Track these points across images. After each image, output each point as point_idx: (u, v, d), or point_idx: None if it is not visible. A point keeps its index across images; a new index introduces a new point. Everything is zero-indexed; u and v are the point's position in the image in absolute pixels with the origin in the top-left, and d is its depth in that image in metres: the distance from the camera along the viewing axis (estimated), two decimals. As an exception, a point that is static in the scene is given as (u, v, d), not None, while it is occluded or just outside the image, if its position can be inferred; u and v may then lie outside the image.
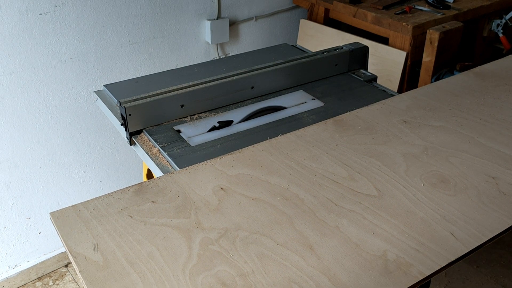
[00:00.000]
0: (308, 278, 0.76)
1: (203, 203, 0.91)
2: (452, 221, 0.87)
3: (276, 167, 1.01)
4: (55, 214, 0.88)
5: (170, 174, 0.98)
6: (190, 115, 1.27)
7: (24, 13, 1.72)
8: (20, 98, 1.83)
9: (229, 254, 0.80)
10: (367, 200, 0.92)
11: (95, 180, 2.18)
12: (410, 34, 1.93)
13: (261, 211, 0.89)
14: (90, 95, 1.98)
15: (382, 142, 1.09)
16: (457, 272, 2.17)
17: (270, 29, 2.43)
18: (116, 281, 0.75)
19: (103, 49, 1.95)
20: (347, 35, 2.14)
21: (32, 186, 2.01)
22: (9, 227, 2.02)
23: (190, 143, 1.16)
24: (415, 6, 2.13)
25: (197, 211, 0.89)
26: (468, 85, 1.34)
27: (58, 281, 2.18)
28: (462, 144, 1.09)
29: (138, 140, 1.20)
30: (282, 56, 1.50)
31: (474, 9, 2.14)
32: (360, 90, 1.43)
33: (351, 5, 2.14)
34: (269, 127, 1.24)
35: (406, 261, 0.79)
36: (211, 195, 0.93)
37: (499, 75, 1.39)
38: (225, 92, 1.30)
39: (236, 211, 0.89)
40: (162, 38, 2.09)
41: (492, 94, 1.29)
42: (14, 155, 1.91)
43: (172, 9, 2.06)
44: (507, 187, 0.96)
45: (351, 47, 1.50)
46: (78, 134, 2.03)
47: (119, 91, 1.34)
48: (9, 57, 1.75)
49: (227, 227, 0.86)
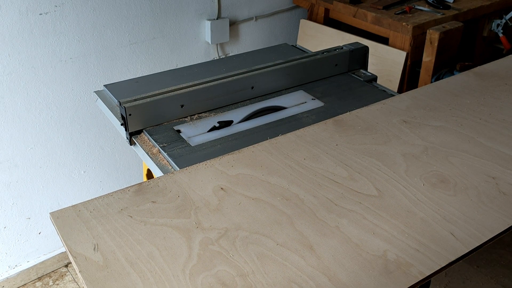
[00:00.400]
0: (308, 278, 0.76)
1: (203, 203, 0.91)
2: (452, 221, 0.87)
3: (276, 167, 1.01)
4: (55, 214, 0.88)
5: (170, 174, 0.98)
6: (190, 115, 1.27)
7: (24, 13, 1.72)
8: (20, 98, 1.83)
9: (229, 254, 0.80)
10: (367, 200, 0.92)
11: (95, 180, 2.18)
12: (410, 34, 1.93)
13: (261, 211, 0.89)
14: (90, 95, 1.98)
15: (382, 142, 1.09)
16: (457, 272, 2.17)
17: (270, 29, 2.43)
18: (116, 281, 0.75)
19: (103, 49, 1.95)
20: (347, 35, 2.14)
21: (32, 186, 2.01)
22: (9, 227, 2.02)
23: (190, 143, 1.16)
24: (415, 6, 2.13)
25: (197, 211, 0.89)
26: (468, 85, 1.34)
27: (58, 281, 2.18)
28: (462, 144, 1.09)
29: (138, 140, 1.20)
30: (282, 56, 1.50)
31: (474, 9, 2.15)
32: (360, 90, 1.43)
33: (351, 5, 2.14)
34: (269, 127, 1.23)
35: (406, 261, 0.79)
36: (211, 195, 0.93)
37: (499, 75, 1.39)
38: (225, 92, 1.30)
39: (236, 211, 0.89)
40: (162, 38, 2.09)
41: (492, 94, 1.29)
42: (14, 155, 1.91)
43: (172, 9, 2.06)
44: (507, 187, 0.96)
45: (351, 47, 1.50)
46: (78, 134, 2.03)
47: (119, 91, 1.34)
48: (9, 57, 1.75)
49: (227, 227, 0.86)
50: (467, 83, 1.34)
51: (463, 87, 1.32)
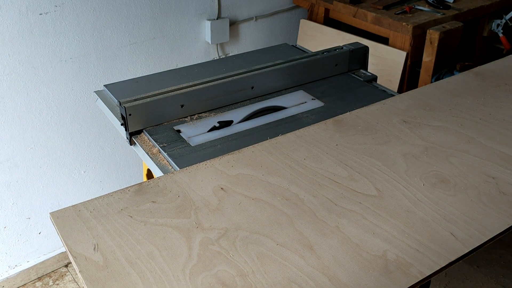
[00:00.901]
0: (308, 278, 0.76)
1: (203, 203, 0.91)
2: (452, 221, 0.87)
3: (276, 167, 1.01)
4: (55, 214, 0.88)
5: (170, 174, 0.98)
6: (190, 115, 1.27)
7: (24, 13, 1.72)
8: (20, 98, 1.83)
9: (229, 254, 0.80)
10: (367, 200, 0.92)
11: (95, 180, 2.18)
12: (410, 34, 1.93)
13: (261, 211, 0.89)
14: (90, 95, 1.98)
15: (382, 142, 1.09)
16: (457, 272, 2.17)
17: (270, 29, 2.43)
18: (116, 281, 0.75)
19: (103, 49, 1.95)
20: (347, 35, 2.14)
21: (32, 186, 2.01)
22: (9, 227, 2.02)
23: (190, 143, 1.16)
24: (415, 6, 2.13)
25: (197, 211, 0.89)
26: (468, 85, 1.34)
27: (58, 281, 2.18)
28: (462, 144, 1.09)
29: (138, 140, 1.20)
30: (282, 56, 1.50)
31: (474, 9, 2.15)
32: (360, 90, 1.43)
33: (351, 5, 2.14)
34: (269, 127, 1.24)
35: (406, 261, 0.79)
36: (211, 195, 0.93)
37: (499, 75, 1.39)
38: (225, 92, 1.30)
39: (236, 211, 0.89)
40: (162, 38, 2.09)
41: (492, 94, 1.29)
42: (14, 155, 1.91)
43: (172, 9, 2.06)
44: (507, 187, 0.96)
45: (351, 47, 1.50)
46: (78, 134, 2.03)
47: (119, 91, 1.34)
48: (9, 57, 1.75)
49: (227, 227, 0.86)
50: (467, 83, 1.34)
51: (463, 87, 1.32)
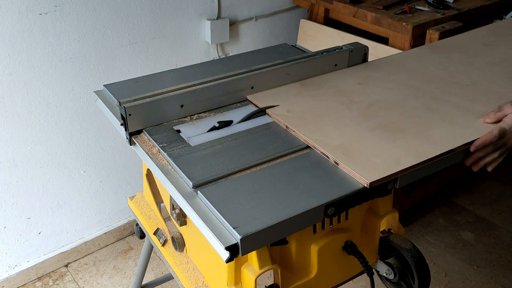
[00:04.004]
0: None
1: (350, 90, 1.33)
2: None
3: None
4: None
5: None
6: (190, 115, 1.27)
7: (24, 13, 1.72)
8: (20, 98, 1.83)
9: (376, 114, 1.21)
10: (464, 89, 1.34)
11: (95, 180, 2.18)
12: (410, 34, 1.93)
13: (392, 95, 1.30)
14: (90, 95, 1.98)
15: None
16: (457, 272, 2.17)
17: (270, 29, 2.43)
18: (314, 126, 1.16)
19: (103, 49, 1.95)
20: (347, 35, 2.14)
21: (32, 186, 2.01)
22: (9, 227, 2.02)
23: (190, 143, 1.15)
24: (415, 6, 2.13)
25: (349, 95, 1.30)
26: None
27: (58, 281, 2.18)
28: None
29: (138, 140, 1.20)
30: (282, 56, 1.50)
31: (474, 9, 2.15)
32: (360, 90, 1.43)
33: (351, 5, 2.14)
34: (269, 127, 1.23)
35: None
36: (355, 85, 1.35)
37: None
38: (225, 92, 1.30)
39: (375, 93, 1.31)
40: (162, 38, 2.09)
41: None
42: (14, 155, 1.91)
43: (172, 9, 2.06)
44: None
45: (351, 47, 1.50)
46: (78, 134, 2.04)
47: (119, 91, 1.34)
48: (9, 57, 1.75)
49: (370, 101, 1.27)
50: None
51: None
